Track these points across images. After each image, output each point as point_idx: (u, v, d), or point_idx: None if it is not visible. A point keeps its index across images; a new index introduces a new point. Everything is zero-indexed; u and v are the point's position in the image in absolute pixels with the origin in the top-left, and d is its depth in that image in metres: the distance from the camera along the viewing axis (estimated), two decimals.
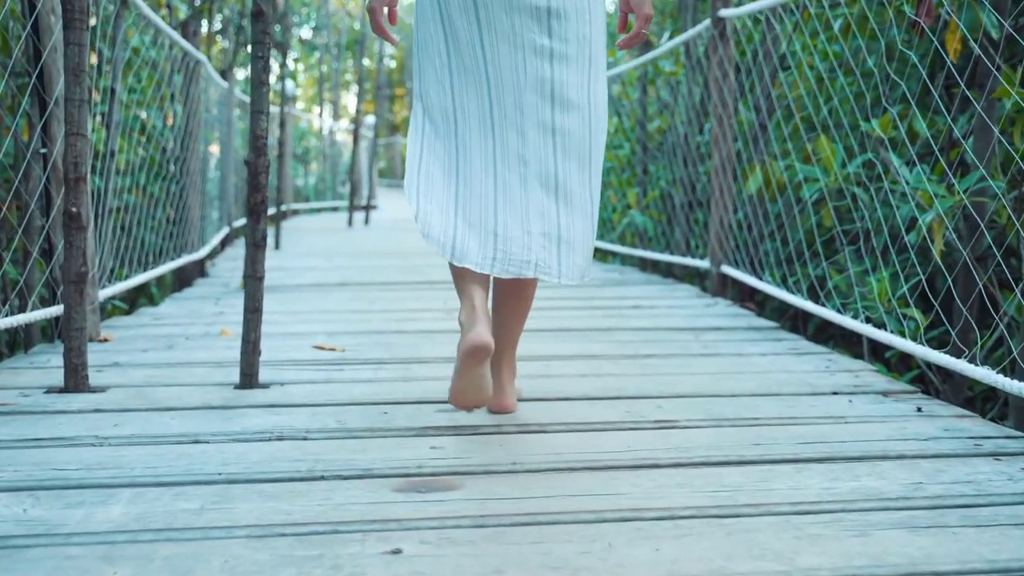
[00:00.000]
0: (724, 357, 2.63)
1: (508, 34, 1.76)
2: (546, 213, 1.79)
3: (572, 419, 1.92)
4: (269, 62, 2.19)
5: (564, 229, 1.80)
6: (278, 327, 3.11)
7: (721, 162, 3.87)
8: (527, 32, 1.76)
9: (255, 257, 2.20)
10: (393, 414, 1.96)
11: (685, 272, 5.01)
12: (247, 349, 2.21)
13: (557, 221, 1.80)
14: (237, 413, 1.96)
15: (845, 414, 1.99)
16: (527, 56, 1.77)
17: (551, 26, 1.76)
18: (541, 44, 1.77)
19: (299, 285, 4.34)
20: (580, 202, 1.82)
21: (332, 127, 14.95)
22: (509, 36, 1.76)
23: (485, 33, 1.77)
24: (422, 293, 4.04)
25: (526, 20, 1.76)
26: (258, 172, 2.19)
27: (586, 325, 3.15)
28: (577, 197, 1.81)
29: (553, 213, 1.79)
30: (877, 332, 2.47)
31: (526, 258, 1.78)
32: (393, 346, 2.75)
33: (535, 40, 1.76)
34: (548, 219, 1.79)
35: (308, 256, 6.00)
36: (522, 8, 1.75)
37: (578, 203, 1.82)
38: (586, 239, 1.83)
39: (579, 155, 1.81)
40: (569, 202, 1.81)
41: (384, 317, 3.34)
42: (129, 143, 4.21)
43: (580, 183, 1.82)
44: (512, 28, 1.76)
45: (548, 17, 1.76)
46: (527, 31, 1.76)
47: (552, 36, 1.77)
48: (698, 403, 2.08)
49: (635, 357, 2.62)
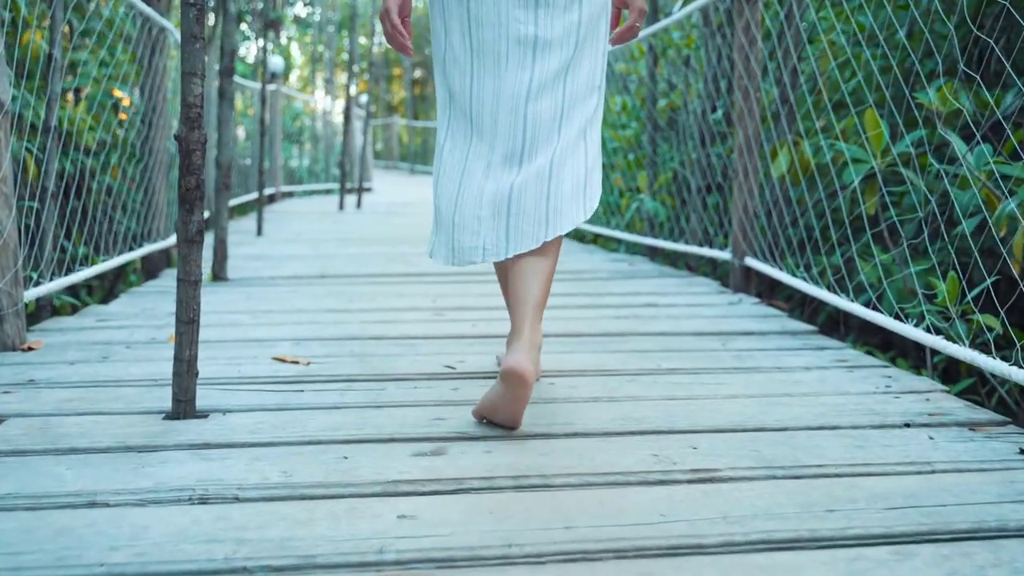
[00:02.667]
0: (762, 373, 2.20)
1: (494, 23, 1.75)
2: (499, 192, 1.76)
3: (585, 468, 1.49)
4: (205, 12, 1.75)
5: (514, 200, 1.75)
6: (239, 331, 2.68)
7: (746, 141, 3.43)
8: (513, 22, 1.75)
9: (188, 255, 1.77)
10: (355, 459, 1.53)
11: (699, 262, 4.58)
12: (180, 370, 1.78)
13: (508, 194, 1.75)
14: (156, 458, 1.53)
15: (930, 459, 1.57)
16: (510, 46, 1.76)
17: (537, 14, 1.75)
18: (526, 33, 1.75)
19: (274, 278, 3.91)
20: (538, 168, 1.76)
21: (326, 107, 14.46)
22: (495, 24, 1.75)
23: (472, 21, 1.77)
24: (409, 288, 3.61)
25: (512, 8, 1.74)
26: (191, 150, 1.75)
27: (596, 329, 2.72)
28: (536, 166, 1.76)
29: (506, 189, 1.76)
30: (956, 349, 2.03)
31: (473, 243, 1.76)
32: (368, 358, 2.32)
33: (520, 29, 1.75)
34: (499, 197, 1.76)
35: (291, 243, 5.56)
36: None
37: (535, 169, 1.76)
38: (538, 205, 1.75)
39: (547, 137, 1.78)
40: (528, 172, 1.76)
41: (363, 319, 2.91)
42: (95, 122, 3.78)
43: (544, 156, 1.78)
44: (498, 16, 1.75)
45: (536, 5, 1.74)
46: (513, 20, 1.75)
47: (538, 24, 1.75)
48: (742, 441, 1.65)
49: (657, 373, 2.19)
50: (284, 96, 12.66)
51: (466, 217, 1.76)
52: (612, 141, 5.64)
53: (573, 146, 1.80)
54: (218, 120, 3.88)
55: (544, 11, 1.74)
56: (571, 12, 1.76)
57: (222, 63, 3.83)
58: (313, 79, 15.42)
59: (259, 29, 6.36)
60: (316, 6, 17.05)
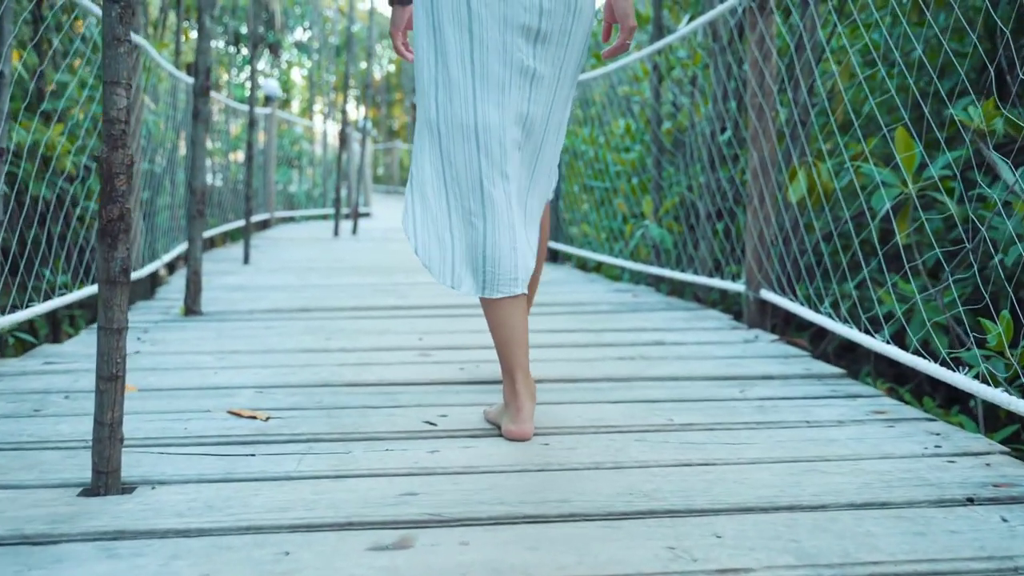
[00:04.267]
0: (789, 428, 1.91)
1: (499, 50, 1.75)
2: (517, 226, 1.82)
3: (585, 568, 1.20)
4: (132, 11, 1.47)
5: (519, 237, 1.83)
6: (198, 377, 2.39)
7: (761, 163, 3.15)
8: (516, 51, 1.75)
9: (111, 299, 1.48)
10: (297, 556, 1.24)
11: (708, 292, 4.29)
12: (101, 435, 1.49)
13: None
14: (50, 556, 1.24)
15: (1011, 551, 1.27)
16: (513, 74, 1.77)
17: (535, 48, 1.77)
18: (527, 65, 1.77)
19: (252, 311, 3.63)
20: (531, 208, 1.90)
21: (324, 131, 14.23)
22: (500, 52, 1.75)
23: (476, 47, 1.74)
24: (395, 324, 3.32)
25: (517, 39, 1.75)
26: (113, 173, 1.47)
27: (597, 372, 2.43)
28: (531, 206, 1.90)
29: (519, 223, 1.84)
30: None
31: (513, 275, 1.81)
32: (336, 412, 2.03)
33: (522, 60, 1.76)
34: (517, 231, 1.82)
35: (277, 272, 5.28)
36: (515, 26, 1.74)
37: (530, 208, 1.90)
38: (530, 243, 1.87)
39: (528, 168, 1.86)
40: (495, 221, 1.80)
41: (340, 360, 2.62)
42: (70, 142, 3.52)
43: (537, 193, 1.91)
44: (503, 45, 1.75)
45: (536, 38, 1.76)
46: (516, 50, 1.75)
47: (535, 58, 1.77)
48: (775, 525, 1.36)
49: (668, 429, 1.89)
50: (282, 120, 12.44)
51: (502, 248, 1.78)
52: (615, 164, 5.37)
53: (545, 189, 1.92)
54: (191, 142, 3.61)
55: (541, 47, 1.77)
56: (560, 49, 1.80)
57: (197, 82, 3.57)
58: (311, 102, 15.21)
59: (251, 48, 6.13)
60: (314, 30, 16.89)
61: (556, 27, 1.76)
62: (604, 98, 5.71)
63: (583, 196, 5.90)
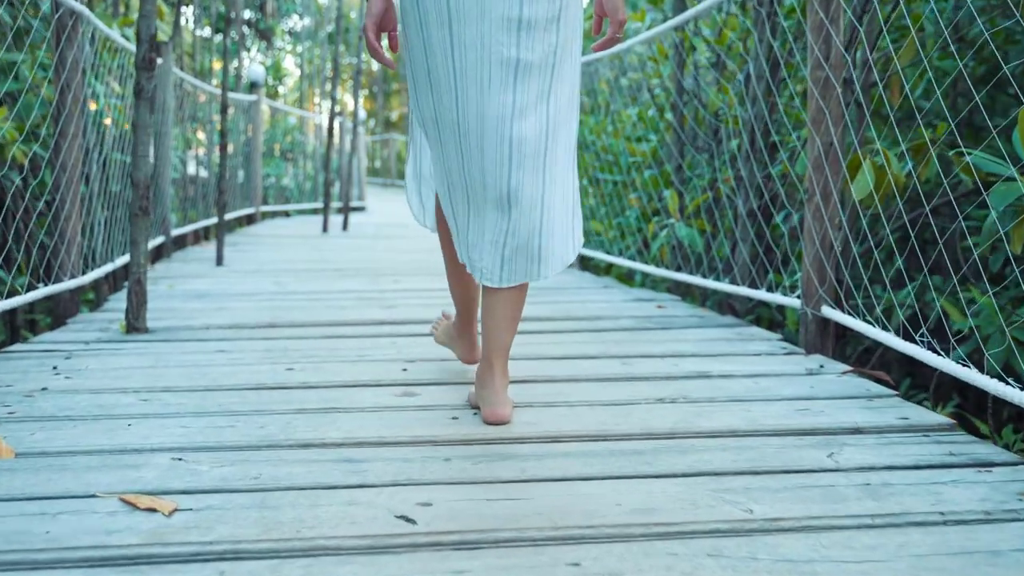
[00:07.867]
0: (923, 528, 1.32)
1: (476, 45, 1.73)
2: (498, 224, 1.80)
3: None
4: None
5: (510, 235, 1.80)
6: (103, 432, 1.80)
7: (824, 151, 2.56)
8: (495, 44, 1.73)
9: None
10: None
11: (744, 305, 3.70)
12: None
13: (506, 230, 1.80)
14: None
15: None
16: (492, 68, 1.73)
17: (519, 37, 1.73)
18: (508, 56, 1.73)
19: (207, 328, 3.04)
20: (530, 200, 1.78)
21: (318, 123, 13.61)
22: (477, 47, 1.73)
23: (456, 44, 1.75)
24: (378, 346, 2.73)
25: (496, 31, 1.72)
26: None
27: (632, 426, 1.84)
28: (527, 197, 1.78)
29: (504, 224, 1.79)
30: None
31: (480, 264, 1.84)
32: (273, 501, 1.44)
33: (502, 52, 1.73)
34: (499, 229, 1.80)
35: (252, 275, 4.69)
36: (494, 18, 1.72)
37: (527, 202, 1.78)
38: (531, 240, 1.80)
39: (534, 163, 1.77)
40: (521, 206, 1.78)
41: (299, 403, 2.03)
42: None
43: (532, 186, 1.79)
44: (480, 39, 1.73)
45: (518, 28, 1.72)
46: (495, 43, 1.73)
47: (520, 46, 1.73)
48: None
49: (746, 532, 1.31)
50: (271, 108, 11.84)
51: (471, 235, 1.84)
52: (627, 155, 4.78)
53: (563, 175, 1.83)
54: (134, 126, 3.02)
55: (526, 34, 1.73)
56: (550, 34, 1.75)
57: (139, 52, 2.98)
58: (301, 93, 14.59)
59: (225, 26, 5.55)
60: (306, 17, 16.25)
61: (541, 12, 1.72)
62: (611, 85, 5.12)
63: (590, 189, 5.31)
